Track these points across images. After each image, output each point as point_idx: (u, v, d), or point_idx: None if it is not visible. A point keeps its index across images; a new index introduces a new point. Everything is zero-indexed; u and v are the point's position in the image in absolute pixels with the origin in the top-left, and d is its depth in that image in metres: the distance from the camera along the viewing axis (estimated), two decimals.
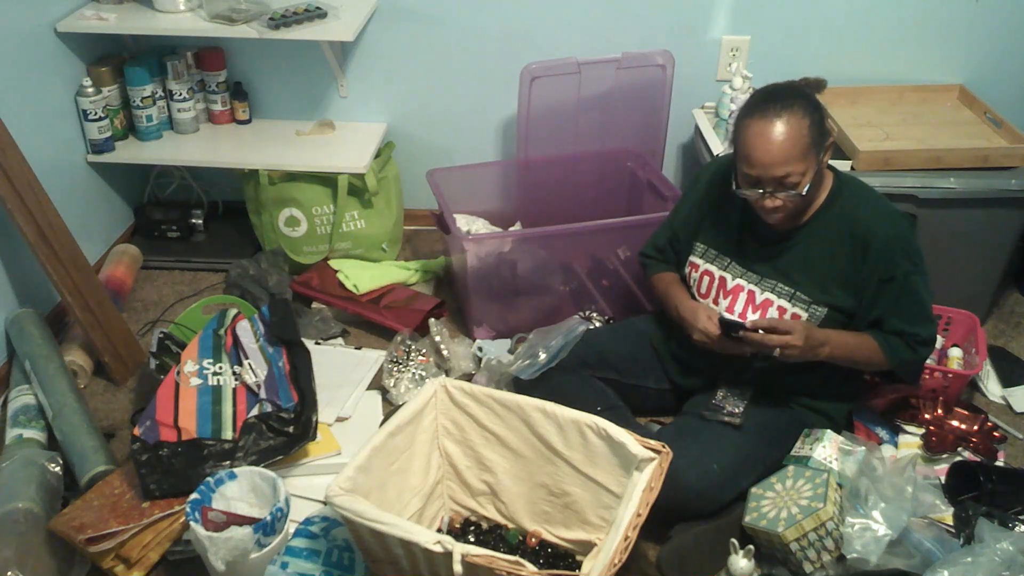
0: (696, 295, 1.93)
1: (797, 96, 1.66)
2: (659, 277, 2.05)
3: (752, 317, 1.82)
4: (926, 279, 1.77)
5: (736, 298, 1.85)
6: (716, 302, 1.88)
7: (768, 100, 1.66)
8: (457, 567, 1.37)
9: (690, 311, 1.87)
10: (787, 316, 1.80)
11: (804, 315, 1.78)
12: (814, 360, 1.77)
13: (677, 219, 2.02)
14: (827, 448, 1.82)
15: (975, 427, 1.96)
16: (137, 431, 1.81)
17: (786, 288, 1.80)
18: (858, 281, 1.75)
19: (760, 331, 1.72)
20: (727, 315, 1.79)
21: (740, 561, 1.66)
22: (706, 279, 1.90)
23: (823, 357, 1.77)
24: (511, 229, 2.67)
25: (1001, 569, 1.55)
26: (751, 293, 1.84)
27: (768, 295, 1.82)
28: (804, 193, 1.66)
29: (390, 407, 2.17)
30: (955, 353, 2.18)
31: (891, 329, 1.78)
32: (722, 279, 1.88)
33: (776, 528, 1.66)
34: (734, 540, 1.69)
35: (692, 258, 1.94)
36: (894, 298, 1.75)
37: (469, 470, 1.79)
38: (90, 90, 2.51)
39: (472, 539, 1.79)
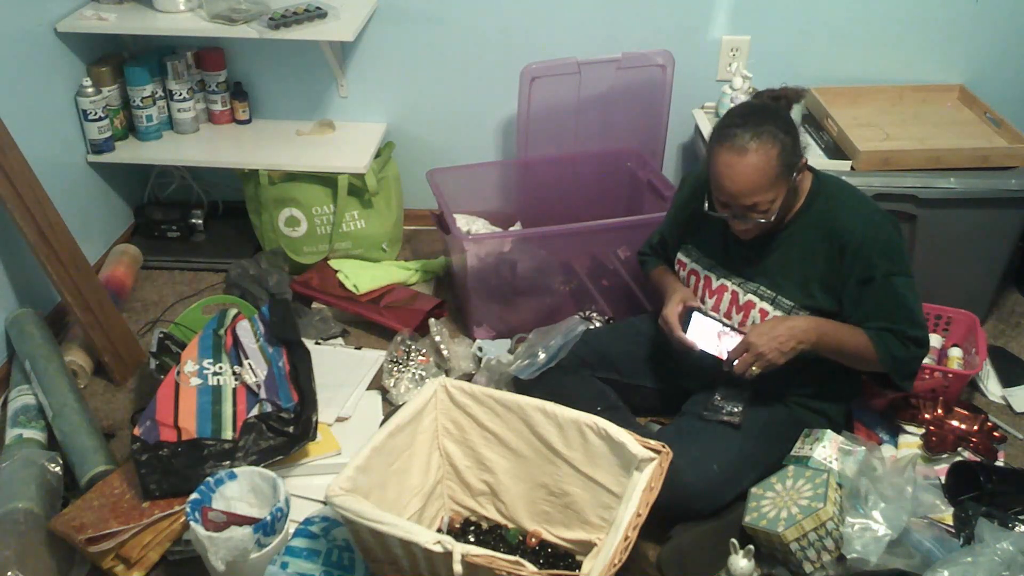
0: None
1: (768, 121, 1.64)
2: (656, 271, 2.07)
3: (736, 318, 1.83)
4: (909, 280, 1.75)
5: (720, 298, 1.86)
6: (702, 301, 1.89)
7: (739, 126, 1.64)
8: (457, 567, 1.37)
9: (669, 294, 1.89)
10: (768, 319, 1.80)
11: None
12: (801, 354, 1.74)
13: (666, 222, 2.03)
14: (827, 448, 1.82)
15: (975, 427, 1.96)
16: (137, 431, 1.81)
17: (768, 291, 1.80)
18: (836, 283, 1.75)
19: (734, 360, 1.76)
20: (701, 319, 1.82)
21: (740, 561, 1.66)
22: (692, 278, 1.92)
23: (810, 346, 1.73)
24: (511, 229, 2.67)
25: (1001, 569, 1.55)
26: (734, 294, 1.85)
27: (751, 296, 1.82)
28: (772, 219, 1.67)
29: (390, 407, 2.17)
30: (955, 353, 2.18)
31: (877, 329, 1.78)
32: (707, 279, 1.89)
33: (776, 528, 1.66)
34: (734, 540, 1.69)
35: (679, 256, 1.95)
36: (874, 300, 1.74)
37: (469, 470, 1.79)
38: (90, 90, 2.51)
39: (472, 539, 1.79)
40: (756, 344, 1.72)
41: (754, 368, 1.73)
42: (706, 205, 1.76)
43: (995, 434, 1.98)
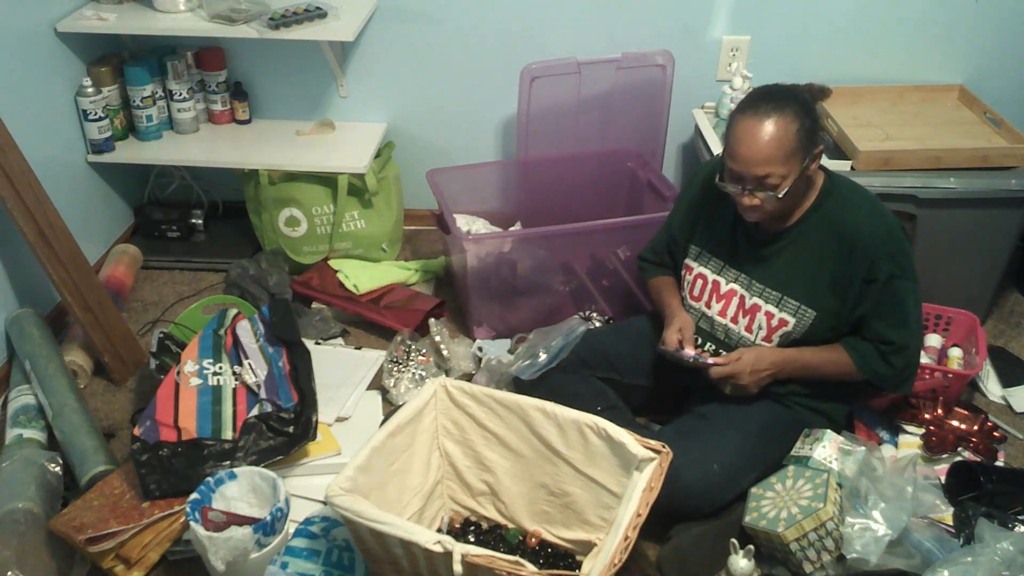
0: (689, 297, 1.93)
1: (792, 99, 1.66)
2: (653, 282, 2.08)
3: (742, 321, 1.84)
4: (913, 285, 1.76)
5: (728, 303, 1.86)
6: (708, 305, 1.89)
7: (762, 99, 1.66)
8: (457, 567, 1.37)
9: (668, 318, 1.92)
10: (774, 321, 1.80)
11: (792, 320, 1.79)
12: (769, 382, 1.83)
13: (674, 221, 2.02)
14: (827, 448, 1.82)
15: (975, 427, 1.96)
16: (137, 431, 1.81)
17: (774, 293, 1.80)
18: (844, 282, 1.75)
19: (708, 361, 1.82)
20: (681, 353, 1.85)
21: (740, 561, 1.66)
22: (699, 282, 1.91)
23: (783, 376, 1.83)
24: (511, 229, 2.67)
25: (1001, 569, 1.56)
26: (741, 298, 1.85)
27: (756, 300, 1.82)
28: (781, 196, 1.67)
29: (390, 407, 2.17)
30: (955, 353, 2.18)
31: (869, 332, 1.78)
32: (716, 283, 1.88)
33: (776, 528, 1.66)
34: (734, 540, 1.70)
35: (687, 261, 1.95)
36: (875, 300, 1.75)
37: (469, 470, 1.79)
38: (90, 90, 2.51)
39: (472, 539, 1.79)
40: (741, 375, 1.79)
41: (728, 389, 1.82)
42: (717, 177, 1.76)
43: (995, 434, 1.98)
